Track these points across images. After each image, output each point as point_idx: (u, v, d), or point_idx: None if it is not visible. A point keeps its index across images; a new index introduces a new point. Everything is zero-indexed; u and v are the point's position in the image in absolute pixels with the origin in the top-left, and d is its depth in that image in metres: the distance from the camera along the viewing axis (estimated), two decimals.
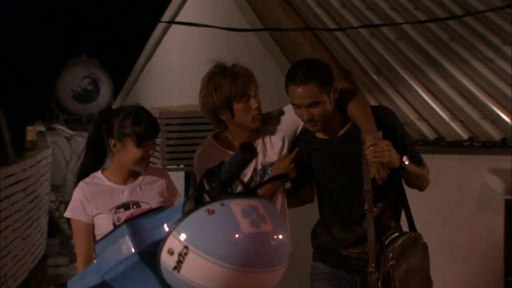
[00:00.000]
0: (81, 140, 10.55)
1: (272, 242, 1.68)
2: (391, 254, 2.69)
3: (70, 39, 12.76)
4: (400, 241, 2.72)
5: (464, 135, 4.83)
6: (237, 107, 2.76)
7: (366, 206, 2.71)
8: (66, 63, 11.39)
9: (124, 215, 2.77)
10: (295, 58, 5.86)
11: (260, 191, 2.65)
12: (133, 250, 1.72)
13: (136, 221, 1.80)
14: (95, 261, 1.80)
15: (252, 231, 1.66)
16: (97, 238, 2.77)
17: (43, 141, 9.17)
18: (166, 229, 1.73)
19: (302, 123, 2.85)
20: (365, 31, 5.85)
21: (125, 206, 2.80)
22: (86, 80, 11.22)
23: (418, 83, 5.33)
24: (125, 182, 2.82)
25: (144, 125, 2.75)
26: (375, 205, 2.74)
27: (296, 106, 2.72)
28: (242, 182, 1.99)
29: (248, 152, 1.88)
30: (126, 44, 11.61)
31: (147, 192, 2.82)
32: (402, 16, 6.13)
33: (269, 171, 2.86)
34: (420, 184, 2.82)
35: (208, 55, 6.99)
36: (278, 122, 2.89)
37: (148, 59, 9.16)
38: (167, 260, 1.63)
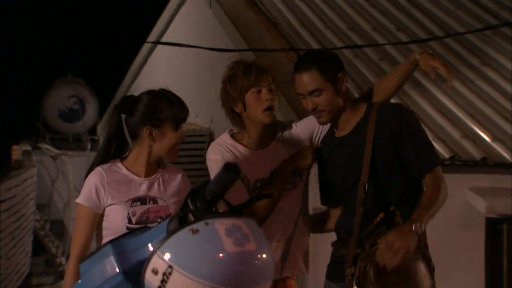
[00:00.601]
0: (66, 159, 10.52)
1: (256, 261, 1.71)
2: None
3: (56, 59, 12.77)
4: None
5: (446, 154, 4.89)
6: (249, 98, 2.72)
7: (358, 195, 2.55)
8: (53, 83, 11.39)
9: (140, 209, 2.56)
10: (279, 78, 5.91)
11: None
12: (117, 269, 1.74)
13: (121, 240, 1.83)
14: (80, 280, 1.81)
15: (236, 250, 1.69)
16: (106, 231, 2.56)
17: (29, 160, 9.14)
18: (151, 248, 1.75)
19: (319, 129, 2.80)
20: (348, 52, 5.93)
21: (142, 200, 2.59)
22: (72, 100, 11.21)
23: (401, 103, 5.40)
24: (145, 174, 2.61)
25: (179, 105, 2.59)
26: (388, 210, 2.54)
27: (301, 96, 2.66)
28: (226, 201, 2.02)
29: (232, 172, 1.91)
30: (112, 64, 11.64)
31: (165, 189, 2.63)
32: (384, 37, 6.22)
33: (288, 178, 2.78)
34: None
35: (193, 74, 7.05)
36: (296, 130, 2.86)
37: (134, 78, 9.20)
38: (151, 280, 1.65)
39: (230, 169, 1.92)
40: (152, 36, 7.79)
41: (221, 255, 1.67)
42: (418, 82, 5.69)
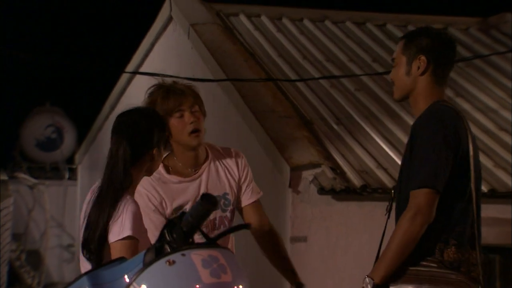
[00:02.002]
0: (44, 188, 10.44)
1: None
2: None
3: (34, 88, 12.73)
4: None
5: None
6: (172, 123, 2.71)
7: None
8: (30, 112, 11.34)
9: None
10: (257, 108, 5.96)
11: None
12: None
13: (97, 272, 1.82)
14: None
15: (212, 281, 1.70)
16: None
17: (5, 190, 9.04)
18: (127, 280, 1.75)
19: (247, 183, 2.82)
20: (325, 82, 6.00)
21: None
22: (50, 129, 11.15)
23: (377, 132, 5.47)
24: None
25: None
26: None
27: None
28: (203, 232, 2.04)
29: (209, 203, 1.93)
30: (90, 93, 11.62)
31: None
32: (361, 68, 6.32)
33: (222, 204, 2.78)
34: None
35: None
36: (237, 159, 2.85)
37: (113, 108, 9.19)
38: None
39: (207, 199, 1.93)
40: (130, 66, 7.81)
41: (197, 286, 1.68)
42: (393, 111, 5.77)
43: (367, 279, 2.33)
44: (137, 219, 2.43)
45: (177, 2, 6.77)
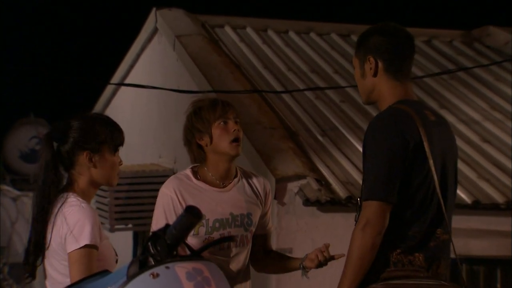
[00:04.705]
0: (27, 200, 10.35)
1: None
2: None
3: (18, 100, 12.66)
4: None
5: None
6: (215, 130, 2.73)
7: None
8: (14, 123, 11.28)
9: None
10: (242, 120, 5.96)
11: None
12: None
13: (80, 285, 1.81)
14: None
15: None
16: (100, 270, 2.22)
17: None
18: None
19: (268, 204, 2.85)
20: (311, 94, 6.02)
21: None
22: (34, 140, 11.10)
23: (361, 144, 5.48)
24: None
25: (115, 127, 2.50)
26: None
27: None
28: (187, 245, 2.03)
29: (193, 215, 1.92)
30: (75, 105, 11.58)
31: None
32: (346, 80, 6.35)
33: (245, 223, 2.77)
34: None
35: (156, 115, 7.06)
36: (259, 182, 2.88)
37: None
38: None
39: (191, 212, 1.92)
40: (116, 77, 7.78)
41: None
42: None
43: None
44: (94, 225, 2.33)
45: (162, 13, 6.77)
